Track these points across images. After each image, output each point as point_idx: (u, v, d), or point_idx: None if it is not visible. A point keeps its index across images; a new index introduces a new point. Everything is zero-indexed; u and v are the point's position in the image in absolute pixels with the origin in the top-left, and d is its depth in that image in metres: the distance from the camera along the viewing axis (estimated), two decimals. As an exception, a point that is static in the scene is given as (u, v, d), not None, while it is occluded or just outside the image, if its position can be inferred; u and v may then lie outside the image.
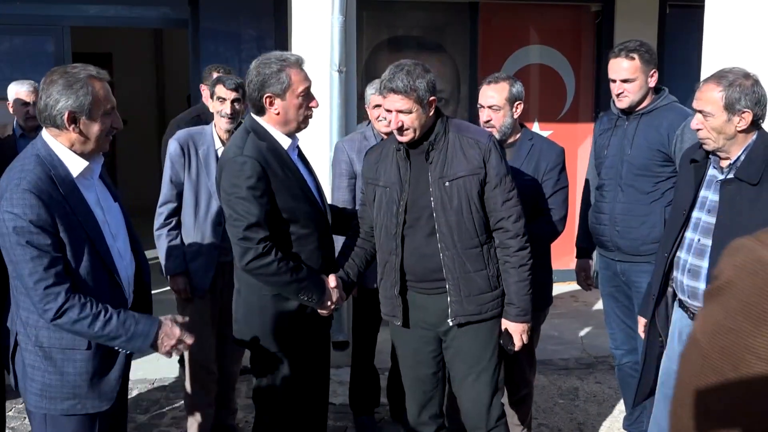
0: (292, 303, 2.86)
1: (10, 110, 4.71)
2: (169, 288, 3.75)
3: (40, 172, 2.25)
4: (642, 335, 3.05)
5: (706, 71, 3.87)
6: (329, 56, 4.73)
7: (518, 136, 3.46)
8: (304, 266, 2.80)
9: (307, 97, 2.83)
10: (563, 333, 5.71)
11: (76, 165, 2.34)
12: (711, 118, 2.55)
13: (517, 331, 2.90)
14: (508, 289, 2.88)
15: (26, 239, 2.18)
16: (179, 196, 3.67)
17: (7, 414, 4.15)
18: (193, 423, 3.77)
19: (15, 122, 4.69)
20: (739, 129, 2.53)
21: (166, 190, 3.69)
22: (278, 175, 2.75)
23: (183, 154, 3.64)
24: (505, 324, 2.92)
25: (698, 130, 2.61)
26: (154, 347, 2.38)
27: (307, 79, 2.85)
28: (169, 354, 2.42)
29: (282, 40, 6.20)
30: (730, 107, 2.51)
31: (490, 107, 3.39)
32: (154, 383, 4.65)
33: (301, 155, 3.00)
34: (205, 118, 4.70)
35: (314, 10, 4.81)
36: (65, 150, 2.33)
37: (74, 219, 2.27)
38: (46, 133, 2.35)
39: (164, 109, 10.34)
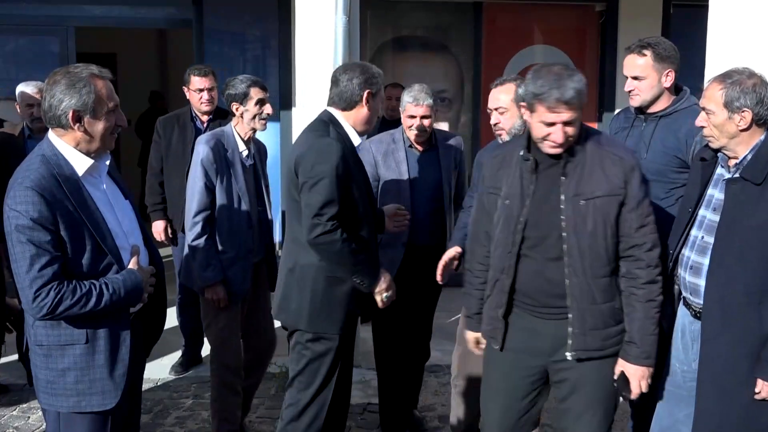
0: (343, 288, 3.00)
1: (18, 111, 4.73)
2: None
3: (44, 170, 2.29)
4: None
5: (710, 71, 3.86)
6: (333, 56, 4.73)
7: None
8: (364, 252, 2.98)
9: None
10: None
11: (81, 163, 2.38)
12: (712, 115, 2.58)
13: (636, 375, 2.58)
14: (631, 326, 2.57)
15: (27, 237, 2.23)
16: (212, 204, 3.56)
17: (11, 414, 4.18)
18: (222, 427, 3.72)
19: (24, 123, 4.72)
20: (740, 128, 2.54)
21: (201, 197, 3.53)
22: (351, 165, 2.96)
23: (215, 160, 3.53)
24: (623, 365, 2.60)
25: (703, 127, 2.64)
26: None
27: None
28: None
29: (286, 41, 6.22)
30: (729, 105, 2.53)
31: (496, 109, 3.33)
32: (158, 383, 4.66)
33: None
34: (183, 118, 4.71)
35: (318, 10, 4.82)
36: (70, 149, 2.38)
37: (77, 216, 2.30)
38: (51, 134, 2.40)
39: (168, 109, 10.36)
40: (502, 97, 3.35)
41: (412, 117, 3.72)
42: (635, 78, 3.28)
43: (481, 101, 6.82)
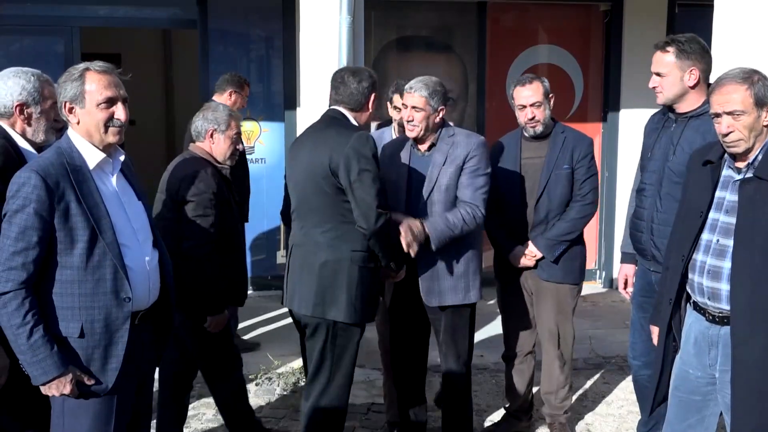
0: (372, 279, 3.17)
1: None
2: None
3: (54, 159, 2.38)
4: (656, 345, 2.99)
5: (716, 70, 3.85)
6: (337, 56, 4.74)
7: (552, 129, 3.78)
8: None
9: None
10: (572, 333, 5.69)
11: (92, 156, 2.45)
12: (744, 116, 2.52)
13: None
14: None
15: (16, 216, 2.30)
16: None
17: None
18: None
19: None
20: (764, 124, 2.53)
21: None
22: None
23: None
24: None
25: (729, 133, 2.55)
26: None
27: None
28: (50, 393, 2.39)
29: (290, 41, 6.22)
30: (760, 102, 2.51)
31: (532, 105, 3.70)
32: (162, 383, 4.66)
33: None
34: None
35: (322, 10, 4.82)
36: (84, 142, 2.46)
37: (80, 206, 2.35)
38: (70, 128, 2.50)
39: (172, 109, 10.37)
40: (535, 93, 3.72)
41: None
42: (658, 74, 3.23)
43: (486, 101, 6.82)
